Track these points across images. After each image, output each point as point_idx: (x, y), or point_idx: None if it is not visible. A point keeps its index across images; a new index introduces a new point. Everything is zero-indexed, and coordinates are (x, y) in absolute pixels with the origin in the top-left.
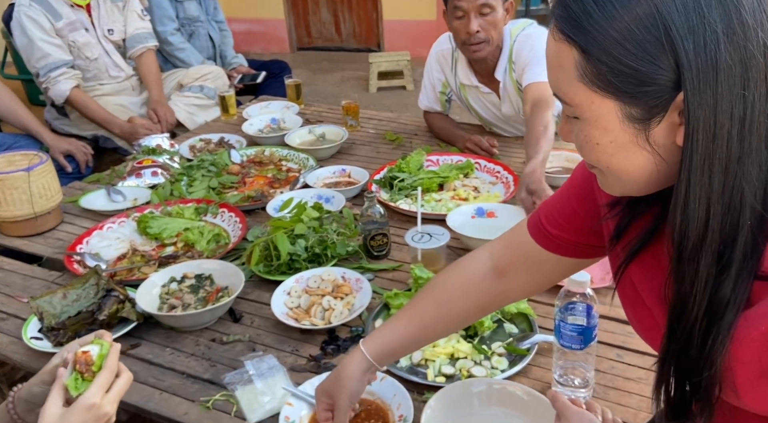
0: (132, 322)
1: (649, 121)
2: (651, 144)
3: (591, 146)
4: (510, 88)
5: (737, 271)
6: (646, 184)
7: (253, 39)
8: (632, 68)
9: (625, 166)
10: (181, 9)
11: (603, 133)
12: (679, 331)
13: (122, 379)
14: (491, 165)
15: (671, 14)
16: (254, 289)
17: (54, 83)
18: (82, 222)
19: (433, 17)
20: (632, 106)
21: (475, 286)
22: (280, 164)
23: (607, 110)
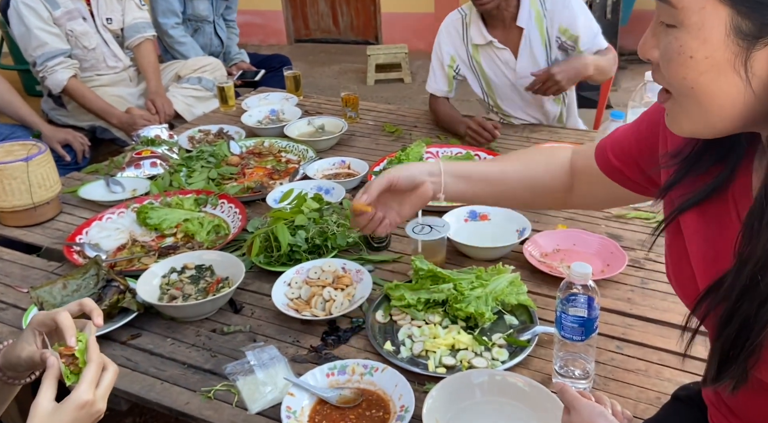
0: (133, 312)
1: (755, 41)
2: (747, 69)
3: (683, 59)
4: (535, 37)
5: None
6: (721, 118)
7: (251, 31)
8: None
9: (711, 89)
10: (190, 6)
11: (701, 46)
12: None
13: (109, 373)
14: (490, 157)
15: None
16: (254, 280)
17: (51, 73)
18: (81, 212)
19: (431, 10)
20: (745, 18)
21: (554, 167)
22: (280, 155)
23: (717, 19)
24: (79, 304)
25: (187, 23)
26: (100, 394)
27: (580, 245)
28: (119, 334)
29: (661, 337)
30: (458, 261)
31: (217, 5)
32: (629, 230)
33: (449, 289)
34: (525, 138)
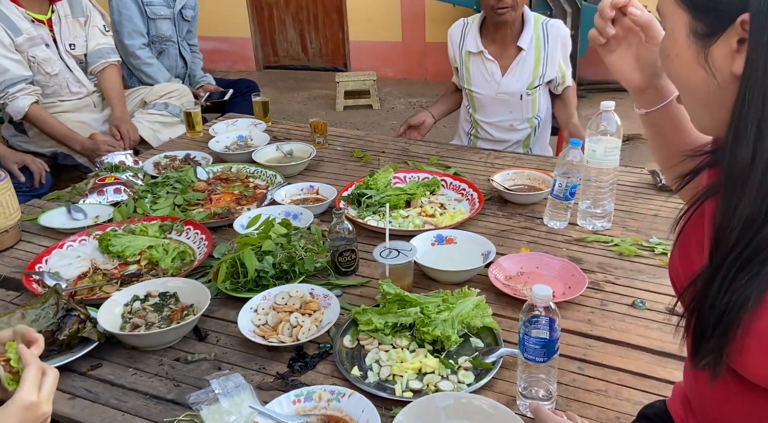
0: (93, 342)
1: (709, 39)
2: (709, 64)
3: (664, 57)
4: (530, 60)
5: None
6: (708, 110)
7: (219, 57)
8: None
9: (688, 83)
10: (153, 26)
11: (673, 45)
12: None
13: (50, 377)
14: (456, 182)
15: None
16: (220, 306)
17: (12, 99)
18: (42, 240)
19: (398, 39)
20: (698, 20)
21: None
22: (248, 181)
23: (680, 22)
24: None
25: (151, 45)
26: (44, 396)
27: (543, 268)
28: (79, 364)
29: (620, 358)
30: (425, 284)
31: (180, 26)
32: (589, 253)
33: (416, 312)
34: (489, 164)
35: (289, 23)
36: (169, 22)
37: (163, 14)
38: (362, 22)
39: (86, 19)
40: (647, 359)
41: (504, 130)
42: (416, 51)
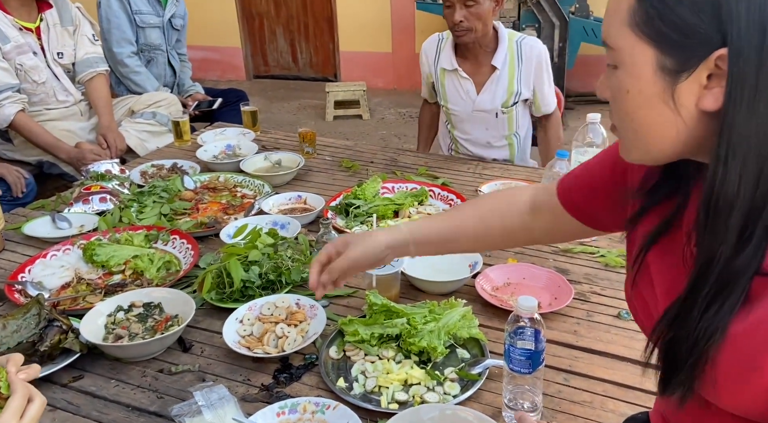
0: (75, 353)
1: (678, 75)
2: (674, 101)
3: (622, 95)
4: (503, 80)
5: (755, 247)
6: (662, 146)
7: (209, 66)
8: (678, 17)
9: (647, 120)
10: (142, 35)
11: (635, 82)
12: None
13: (36, 405)
14: (444, 193)
15: None
16: (205, 317)
17: None
18: (25, 250)
19: (388, 50)
20: (668, 56)
21: (515, 210)
22: (235, 190)
23: (645, 58)
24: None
25: (140, 54)
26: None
27: (530, 279)
28: (60, 376)
29: (605, 369)
30: (412, 295)
31: (169, 35)
32: (576, 264)
33: (403, 323)
34: (478, 174)
35: (279, 33)
36: (158, 30)
37: (152, 23)
38: (353, 33)
39: (75, 28)
40: (632, 370)
41: (481, 146)
42: (406, 62)
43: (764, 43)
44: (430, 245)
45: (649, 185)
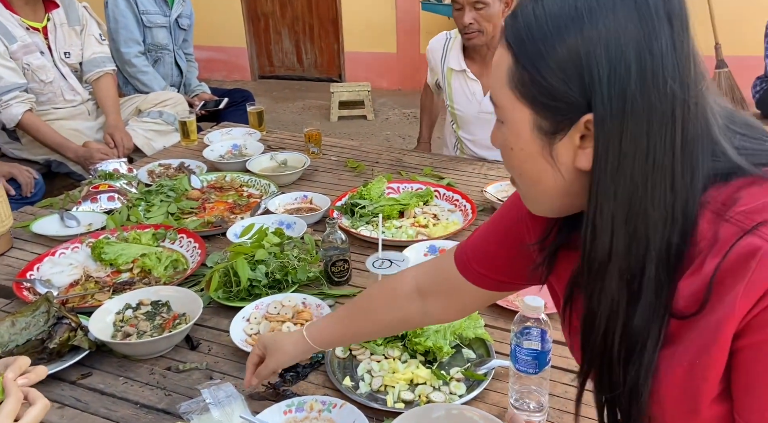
0: (84, 350)
1: (554, 136)
2: (554, 159)
3: (507, 150)
4: None
5: (649, 303)
6: (551, 199)
7: (215, 67)
8: (548, 83)
9: (532, 175)
10: (149, 35)
11: (517, 139)
12: (595, 349)
13: (36, 408)
14: (450, 193)
15: (594, 47)
16: (212, 315)
17: (5, 107)
18: (34, 248)
19: (393, 50)
20: (542, 117)
21: (397, 303)
22: (241, 190)
23: (522, 117)
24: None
25: (147, 54)
26: None
27: None
28: (69, 373)
29: None
30: None
31: (176, 35)
32: None
33: None
34: (483, 175)
35: (284, 34)
36: (165, 30)
37: (159, 23)
38: (357, 33)
39: (82, 28)
40: None
41: (486, 148)
42: (411, 62)
43: (625, 109)
44: (333, 345)
45: (549, 234)
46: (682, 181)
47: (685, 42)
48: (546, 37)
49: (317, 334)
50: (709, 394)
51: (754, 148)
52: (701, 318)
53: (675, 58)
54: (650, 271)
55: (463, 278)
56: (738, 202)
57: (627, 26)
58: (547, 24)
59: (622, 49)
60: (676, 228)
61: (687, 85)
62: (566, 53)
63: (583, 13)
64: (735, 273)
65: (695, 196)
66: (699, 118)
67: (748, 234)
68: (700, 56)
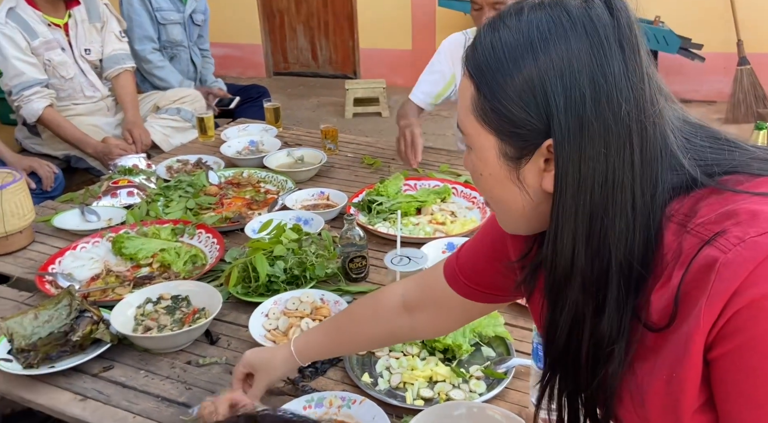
0: (105, 343)
1: (519, 161)
2: (521, 182)
3: (476, 176)
4: None
5: (615, 313)
6: (523, 220)
7: (230, 63)
8: (509, 111)
9: (502, 198)
10: (164, 32)
11: (485, 165)
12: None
13: None
14: (468, 190)
15: (549, 75)
16: (231, 310)
17: (27, 102)
18: (55, 242)
19: (408, 47)
20: (506, 144)
21: (384, 317)
22: (259, 186)
23: (489, 144)
24: None
25: (162, 51)
26: None
27: None
28: (91, 366)
29: None
30: None
31: (191, 31)
32: None
33: None
34: None
35: (299, 30)
36: (179, 26)
37: (173, 19)
38: (372, 30)
39: (102, 25)
40: None
41: None
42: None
43: (582, 133)
44: (318, 356)
45: (529, 252)
46: (642, 199)
47: (637, 65)
48: (503, 67)
49: (304, 348)
50: (689, 405)
51: (716, 157)
52: (674, 331)
53: (628, 81)
54: (613, 285)
55: (453, 291)
56: (697, 213)
57: (579, 54)
58: (503, 54)
59: (576, 76)
60: (638, 242)
61: (642, 107)
62: (523, 82)
63: (536, 43)
64: (698, 285)
65: (656, 211)
66: (657, 136)
67: (707, 245)
68: (655, 76)
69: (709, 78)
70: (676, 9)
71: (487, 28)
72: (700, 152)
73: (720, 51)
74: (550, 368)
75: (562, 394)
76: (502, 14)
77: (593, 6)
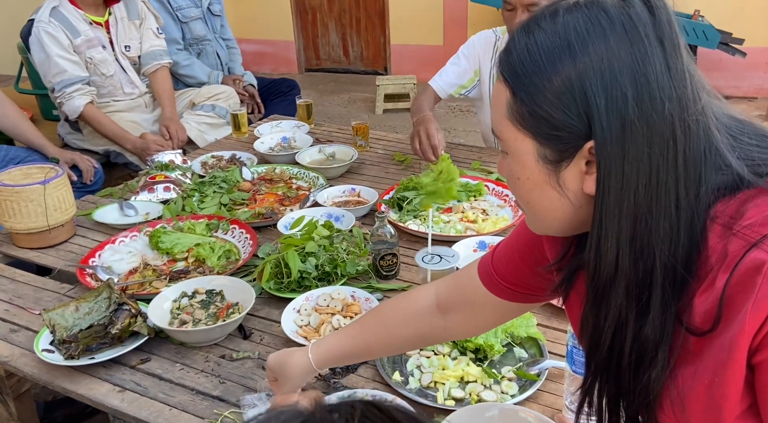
0: (143, 336)
1: (559, 164)
2: (561, 186)
3: (514, 181)
4: None
5: (659, 316)
6: (560, 224)
7: (263, 59)
8: (548, 114)
9: (540, 203)
10: (187, 29)
11: (522, 170)
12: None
13: None
14: (500, 188)
15: (589, 76)
16: (264, 306)
17: (69, 99)
18: (95, 235)
19: (440, 43)
20: (546, 147)
21: (416, 318)
22: (291, 182)
23: (526, 148)
24: None
25: (189, 49)
26: None
27: None
28: (129, 358)
29: None
30: None
31: (212, 23)
32: None
33: None
34: None
35: (331, 27)
36: (200, 21)
37: (193, 15)
38: (404, 26)
39: (141, 22)
40: None
41: None
42: None
43: (625, 134)
44: (336, 362)
45: (566, 253)
46: (687, 199)
47: (678, 62)
48: (541, 70)
49: (324, 353)
50: (731, 411)
51: (765, 157)
52: (718, 335)
53: (670, 79)
54: (657, 287)
55: (487, 291)
56: (744, 214)
57: (619, 53)
58: (540, 57)
59: (617, 76)
60: (683, 243)
61: (685, 105)
62: (562, 84)
63: (574, 43)
64: (744, 288)
65: (701, 211)
66: (701, 134)
67: (754, 248)
68: (696, 73)
69: (750, 74)
70: (715, 3)
71: (521, 31)
72: (747, 151)
73: (762, 46)
74: (593, 373)
75: (602, 399)
76: (535, 17)
77: (632, 4)
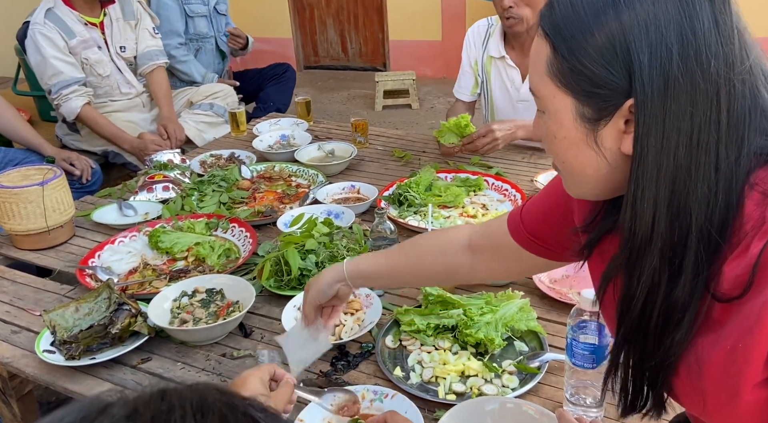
0: (144, 336)
1: (597, 123)
2: (598, 145)
3: (550, 139)
4: None
5: (690, 280)
6: (595, 184)
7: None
8: (589, 70)
9: (576, 162)
10: (192, 25)
11: (559, 128)
12: (631, 326)
13: None
14: (499, 183)
15: (633, 31)
16: (264, 304)
17: (65, 100)
18: (94, 236)
19: (438, 38)
20: (585, 105)
21: (448, 252)
22: (290, 180)
23: (564, 106)
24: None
25: (189, 44)
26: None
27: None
28: (130, 358)
29: None
30: (468, 286)
31: (217, 22)
32: None
33: (459, 314)
34: (532, 164)
35: (329, 24)
36: (205, 19)
37: (200, 12)
38: (402, 22)
39: (137, 22)
40: None
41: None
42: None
43: (667, 91)
44: (365, 279)
45: (595, 217)
46: (727, 161)
47: (727, 18)
48: (583, 24)
49: (354, 266)
50: (752, 377)
51: None
52: (746, 301)
53: (718, 36)
54: (691, 251)
55: (513, 240)
56: None
57: (666, 7)
58: (584, 11)
59: (662, 31)
60: (719, 207)
61: (731, 63)
62: (605, 39)
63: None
64: None
65: (740, 176)
66: (747, 95)
67: None
68: (745, 31)
69: None
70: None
71: None
72: None
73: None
74: (623, 336)
75: (628, 363)
76: None
77: None
